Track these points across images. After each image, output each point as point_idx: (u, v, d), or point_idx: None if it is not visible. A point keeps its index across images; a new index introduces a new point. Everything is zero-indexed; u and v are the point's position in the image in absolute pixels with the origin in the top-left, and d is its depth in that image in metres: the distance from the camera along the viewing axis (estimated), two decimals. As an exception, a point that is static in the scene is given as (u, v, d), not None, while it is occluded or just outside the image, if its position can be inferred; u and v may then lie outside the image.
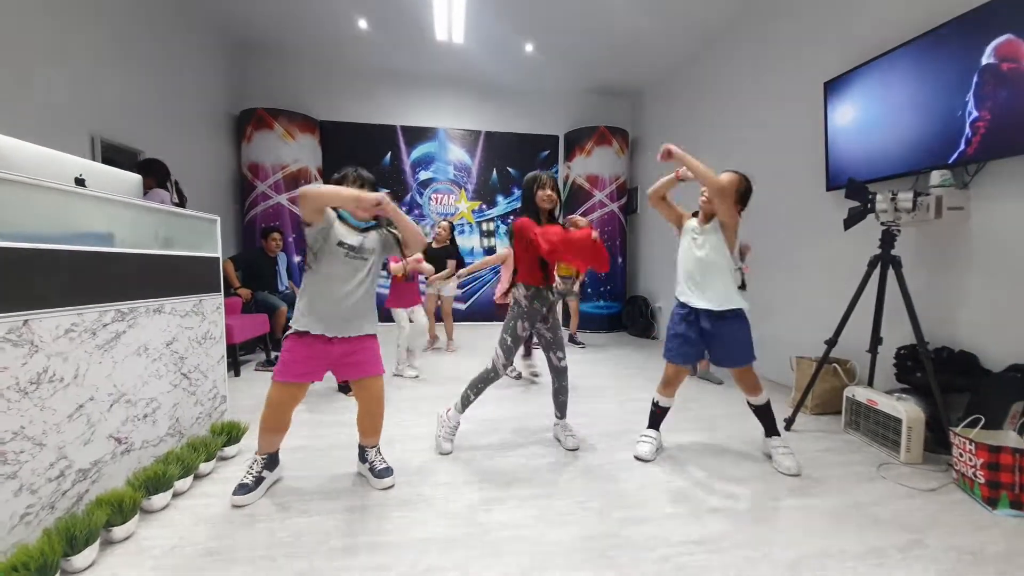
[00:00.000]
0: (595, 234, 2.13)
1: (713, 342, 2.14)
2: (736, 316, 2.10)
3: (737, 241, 2.07)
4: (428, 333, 4.87)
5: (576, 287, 5.02)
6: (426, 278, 3.90)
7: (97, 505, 1.50)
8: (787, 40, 3.69)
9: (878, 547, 1.55)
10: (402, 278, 3.59)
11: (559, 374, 2.37)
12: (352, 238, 1.84)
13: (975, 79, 2.27)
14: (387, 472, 1.94)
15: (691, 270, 2.16)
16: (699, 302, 2.12)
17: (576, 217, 2.27)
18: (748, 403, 2.24)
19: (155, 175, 3.16)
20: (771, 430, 2.21)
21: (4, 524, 1.31)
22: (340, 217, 1.87)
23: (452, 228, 4.72)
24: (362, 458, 2.02)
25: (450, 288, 4.69)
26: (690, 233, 2.18)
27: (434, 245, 4.58)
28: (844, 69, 3.04)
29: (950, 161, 2.38)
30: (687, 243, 2.18)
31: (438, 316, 4.87)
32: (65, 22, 3.19)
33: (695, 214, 2.23)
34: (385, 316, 4.65)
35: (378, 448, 2.02)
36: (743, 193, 2.06)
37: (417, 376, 3.67)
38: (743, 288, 2.10)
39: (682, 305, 2.20)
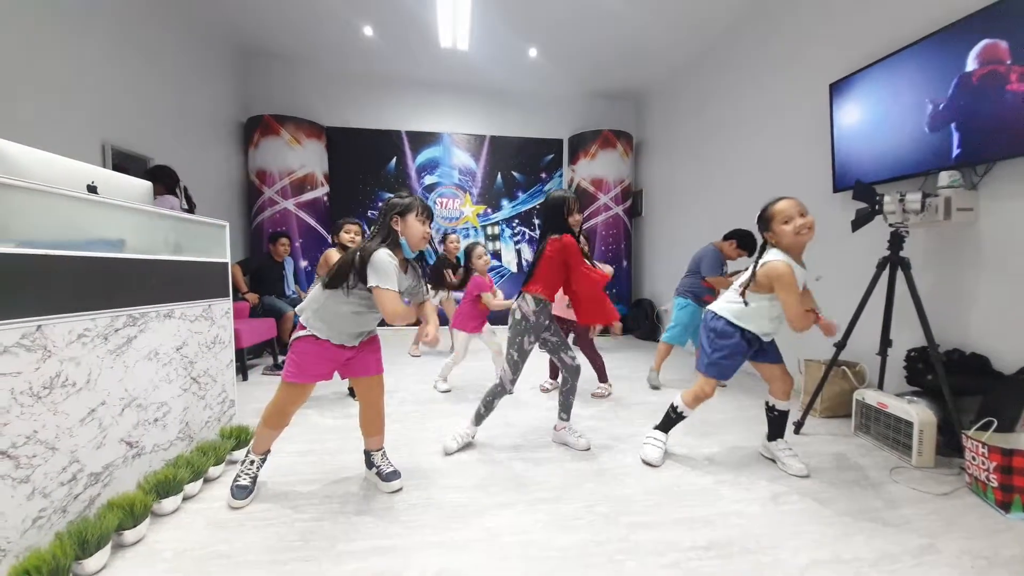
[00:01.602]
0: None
1: (763, 347, 2.12)
2: None
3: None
4: (415, 339, 4.87)
5: None
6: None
7: (108, 509, 1.52)
8: (792, 41, 3.69)
9: (890, 552, 1.53)
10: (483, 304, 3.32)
11: (573, 373, 2.36)
12: (404, 281, 1.81)
13: (979, 80, 2.26)
14: (394, 475, 1.95)
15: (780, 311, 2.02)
16: (771, 336, 2.12)
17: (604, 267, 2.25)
18: (771, 407, 2.17)
19: (164, 181, 3.22)
20: (778, 435, 2.19)
21: (17, 528, 1.33)
22: (394, 246, 1.79)
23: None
24: (368, 464, 2.02)
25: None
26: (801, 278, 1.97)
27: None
28: (850, 70, 3.03)
29: (957, 161, 2.36)
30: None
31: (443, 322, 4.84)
32: (77, 33, 3.23)
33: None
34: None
35: (383, 452, 2.03)
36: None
37: (448, 391, 3.43)
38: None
39: (743, 331, 2.06)
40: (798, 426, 2.59)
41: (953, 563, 1.48)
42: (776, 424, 2.19)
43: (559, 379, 3.51)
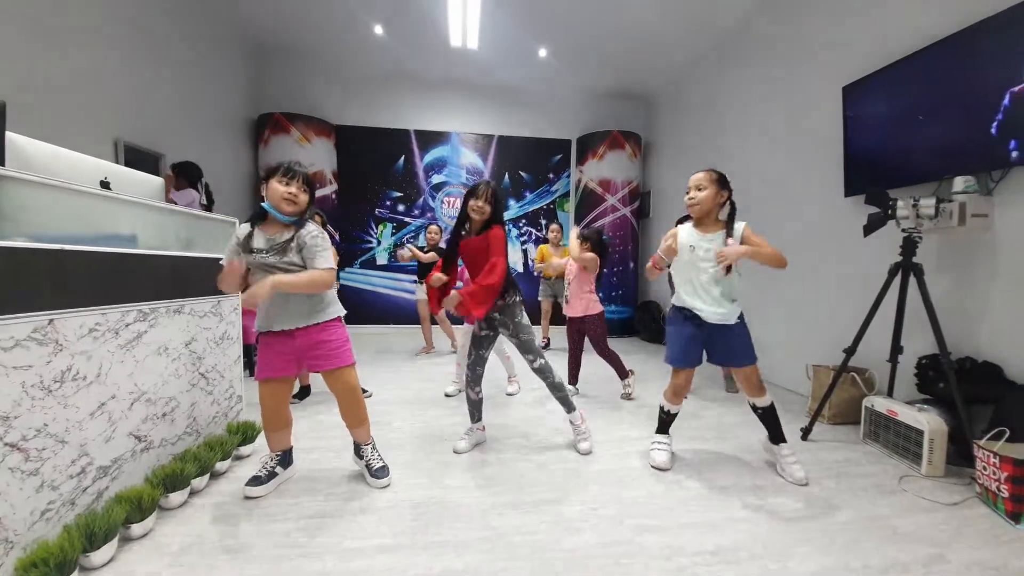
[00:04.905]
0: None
1: (715, 342, 2.09)
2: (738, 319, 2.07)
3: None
4: (424, 341, 4.88)
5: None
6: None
7: (116, 502, 1.53)
8: (804, 42, 3.65)
9: (900, 561, 1.51)
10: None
11: (539, 375, 2.34)
12: (262, 240, 1.79)
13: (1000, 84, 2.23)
14: (383, 472, 1.97)
15: (700, 283, 2.05)
16: (711, 317, 2.03)
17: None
18: (752, 406, 2.16)
19: (187, 175, 3.45)
20: (777, 436, 2.14)
21: (25, 520, 1.34)
22: (263, 217, 1.83)
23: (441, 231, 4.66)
24: (358, 454, 2.05)
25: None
26: (694, 244, 2.05)
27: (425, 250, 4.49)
28: (864, 72, 2.99)
29: (974, 167, 2.33)
30: (688, 255, 2.06)
31: (433, 321, 4.85)
32: (91, 29, 3.26)
33: (683, 219, 2.20)
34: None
35: (373, 444, 2.05)
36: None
37: (459, 392, 3.32)
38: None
39: (681, 310, 2.12)
40: (805, 432, 2.57)
41: (962, 573, 1.46)
42: (767, 422, 2.14)
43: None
